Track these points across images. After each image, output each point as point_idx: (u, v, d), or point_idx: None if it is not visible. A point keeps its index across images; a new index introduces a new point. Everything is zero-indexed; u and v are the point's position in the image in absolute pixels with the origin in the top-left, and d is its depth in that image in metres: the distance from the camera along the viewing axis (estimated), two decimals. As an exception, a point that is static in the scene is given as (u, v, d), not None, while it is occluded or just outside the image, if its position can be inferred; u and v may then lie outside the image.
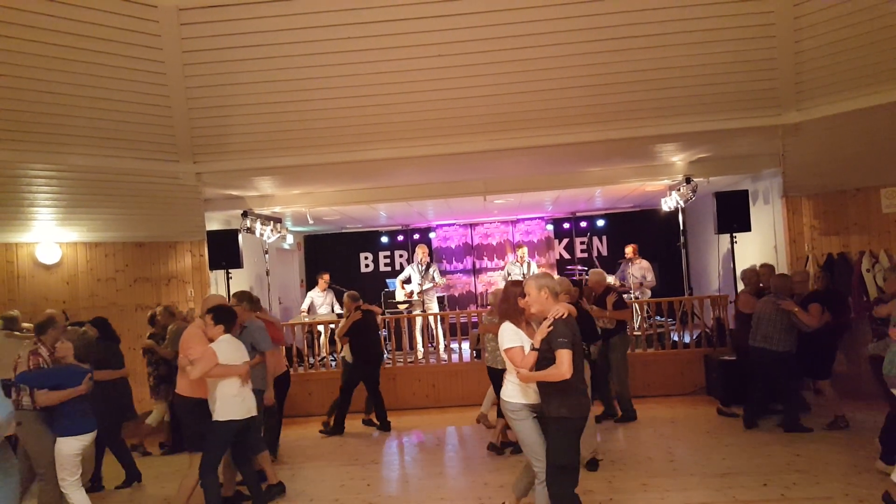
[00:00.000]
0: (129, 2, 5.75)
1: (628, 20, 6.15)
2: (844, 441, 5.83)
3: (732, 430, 6.39)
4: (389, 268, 13.18)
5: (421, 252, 10.25)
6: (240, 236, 8.63)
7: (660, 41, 6.34)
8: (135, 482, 5.90)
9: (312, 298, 10.12)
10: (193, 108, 6.85)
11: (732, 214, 8.23)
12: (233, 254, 8.53)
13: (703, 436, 6.34)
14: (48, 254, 7.49)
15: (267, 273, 9.95)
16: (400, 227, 13.14)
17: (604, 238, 12.95)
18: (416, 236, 13.00)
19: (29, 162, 6.56)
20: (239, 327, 5.50)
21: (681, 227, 9.66)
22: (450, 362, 8.79)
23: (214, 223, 9.29)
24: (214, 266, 8.57)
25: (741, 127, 7.15)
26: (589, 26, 6.19)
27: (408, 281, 10.38)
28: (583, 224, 12.84)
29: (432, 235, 13.14)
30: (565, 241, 13.10)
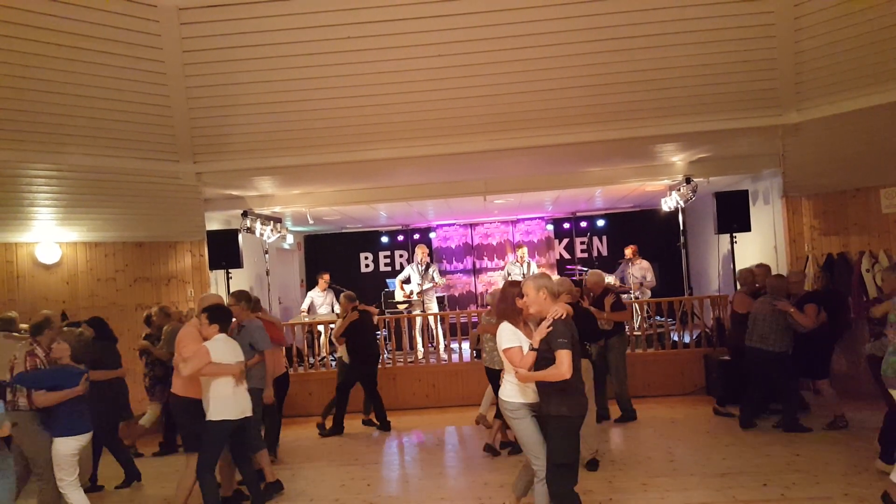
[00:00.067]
0: (130, 2, 5.76)
1: (628, 20, 6.16)
2: (844, 441, 5.83)
3: (732, 431, 6.39)
4: (389, 268, 13.18)
5: (420, 252, 10.26)
6: (240, 236, 8.64)
7: (660, 41, 6.35)
8: (134, 481, 5.90)
9: (312, 298, 10.12)
10: (193, 108, 6.87)
11: (732, 214, 8.25)
12: (233, 254, 8.55)
13: (703, 436, 6.34)
14: (48, 254, 7.49)
15: (267, 273, 9.95)
16: (400, 227, 13.14)
17: (604, 238, 12.96)
18: (417, 236, 13.00)
19: (29, 162, 6.57)
20: (237, 326, 5.51)
21: (681, 227, 9.66)
22: (450, 362, 8.80)
23: (214, 223, 9.29)
24: (214, 266, 8.57)
25: (741, 127, 7.17)
26: (589, 26, 6.21)
27: (407, 281, 10.38)
28: (583, 224, 12.84)
29: (432, 235, 13.14)
30: (565, 241, 13.10)
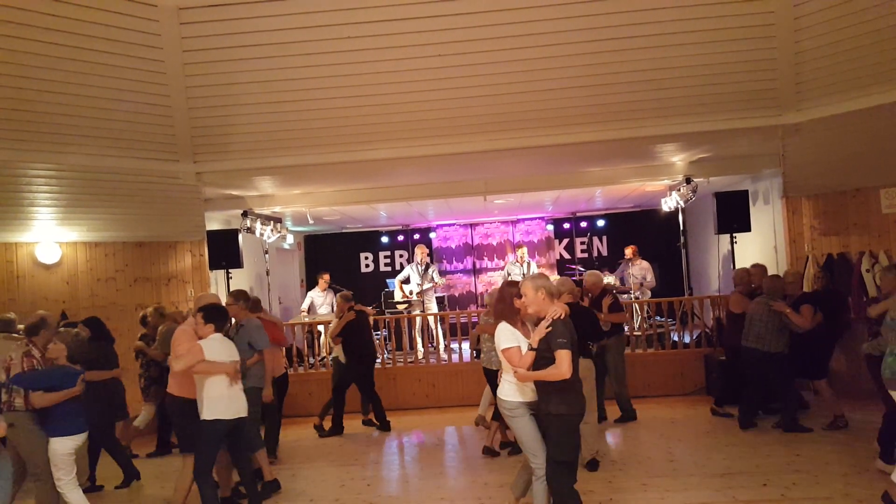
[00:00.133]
0: (130, 2, 5.76)
1: (628, 20, 6.16)
2: (844, 441, 5.83)
3: (732, 431, 6.39)
4: (389, 268, 13.18)
5: (420, 252, 10.26)
6: (240, 236, 8.64)
7: (660, 41, 6.35)
8: (134, 481, 5.89)
9: (312, 298, 10.12)
10: (193, 108, 6.87)
11: (732, 215, 8.25)
12: (233, 254, 8.54)
13: (703, 436, 6.34)
14: (48, 253, 7.49)
15: (267, 273, 9.96)
16: (400, 227, 13.14)
17: (604, 238, 12.96)
18: (417, 236, 13.00)
19: (29, 162, 6.57)
20: (236, 325, 5.51)
21: (681, 228, 9.66)
22: (450, 362, 8.80)
23: (214, 223, 9.28)
24: (214, 266, 8.57)
25: (741, 127, 7.16)
26: (589, 26, 6.20)
27: (407, 281, 10.38)
28: (583, 224, 12.84)
29: (432, 235, 13.14)
30: (565, 241, 13.11)
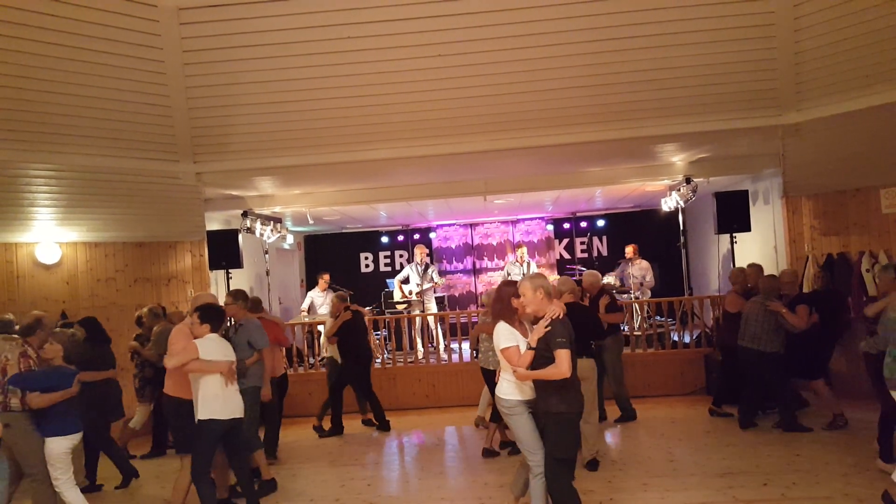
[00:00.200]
0: (130, 2, 5.76)
1: (628, 20, 6.15)
2: (844, 440, 5.83)
3: (732, 430, 6.39)
4: (390, 268, 13.18)
5: (419, 252, 10.26)
6: (240, 236, 8.63)
7: (660, 41, 6.35)
8: (133, 478, 5.89)
9: (312, 298, 10.11)
10: (193, 108, 6.86)
11: (732, 214, 8.25)
12: (233, 254, 8.54)
13: (703, 436, 6.34)
14: (48, 254, 7.48)
15: (267, 273, 9.95)
16: (400, 227, 13.14)
17: (604, 238, 12.96)
18: (417, 236, 13.00)
19: (29, 162, 6.56)
20: (236, 325, 5.52)
21: (681, 227, 9.66)
22: (450, 362, 8.80)
23: (214, 223, 9.28)
24: (214, 266, 8.57)
25: (741, 127, 7.16)
26: (589, 26, 6.20)
27: (406, 281, 10.38)
28: (583, 224, 12.84)
29: (432, 235, 13.14)
30: (565, 241, 13.11)
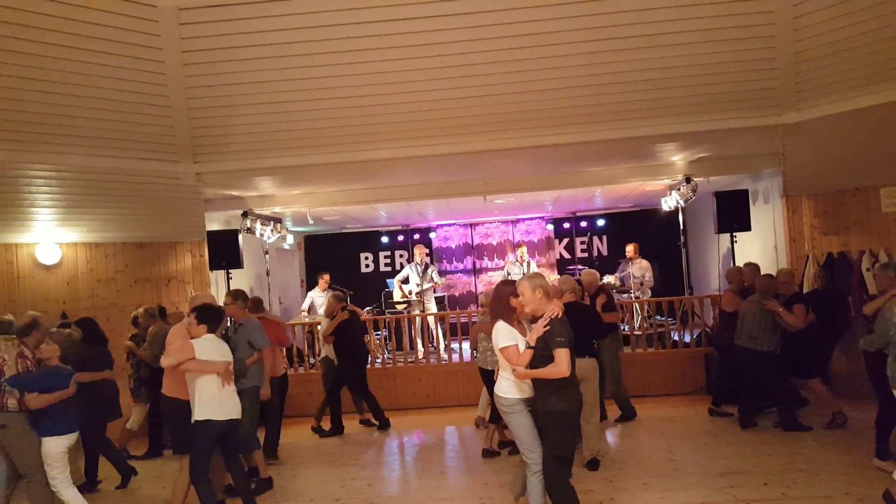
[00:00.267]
0: (129, 2, 5.76)
1: (628, 20, 6.15)
2: (845, 440, 5.83)
3: (732, 430, 6.39)
4: (390, 268, 13.18)
5: (419, 252, 10.26)
6: (240, 236, 8.64)
7: (659, 41, 6.35)
8: (132, 476, 5.89)
9: (313, 298, 10.11)
10: (193, 108, 6.85)
11: (732, 214, 8.25)
12: (233, 254, 8.55)
13: (704, 435, 6.34)
14: (48, 254, 7.48)
15: (267, 273, 9.95)
16: (400, 227, 13.14)
17: (604, 238, 12.96)
18: (417, 236, 12.99)
19: (29, 162, 6.56)
20: (235, 324, 5.52)
21: (681, 227, 9.66)
22: (450, 362, 8.80)
23: (214, 223, 9.28)
24: (214, 266, 8.57)
25: (741, 127, 7.15)
26: (589, 26, 6.20)
27: (406, 281, 10.38)
28: (583, 224, 12.84)
29: (432, 235, 13.14)
30: (565, 241, 13.10)
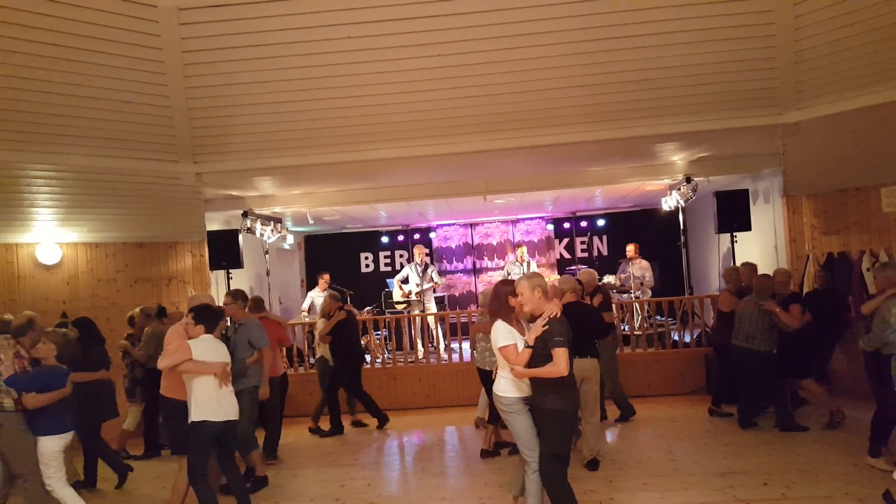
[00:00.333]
0: (129, 2, 5.76)
1: (626, 20, 6.16)
2: (844, 440, 5.83)
3: (732, 430, 6.39)
4: (390, 268, 13.18)
5: (419, 252, 10.26)
6: (240, 236, 8.64)
7: (658, 40, 6.35)
8: (128, 473, 5.90)
9: (313, 298, 10.11)
10: (193, 108, 6.86)
11: (733, 214, 8.25)
12: (233, 254, 8.55)
13: (704, 435, 6.34)
14: (48, 254, 7.49)
15: (267, 273, 9.95)
16: (400, 227, 13.14)
17: (604, 238, 12.95)
18: (417, 236, 13.00)
19: (29, 162, 6.56)
20: (235, 325, 5.52)
21: (681, 227, 9.65)
22: (450, 362, 8.80)
23: (214, 223, 9.28)
24: (215, 266, 8.58)
25: (741, 126, 7.16)
26: (587, 26, 6.20)
27: (406, 281, 10.39)
28: (583, 224, 12.84)
29: (433, 235, 13.13)
30: (566, 241, 13.10)
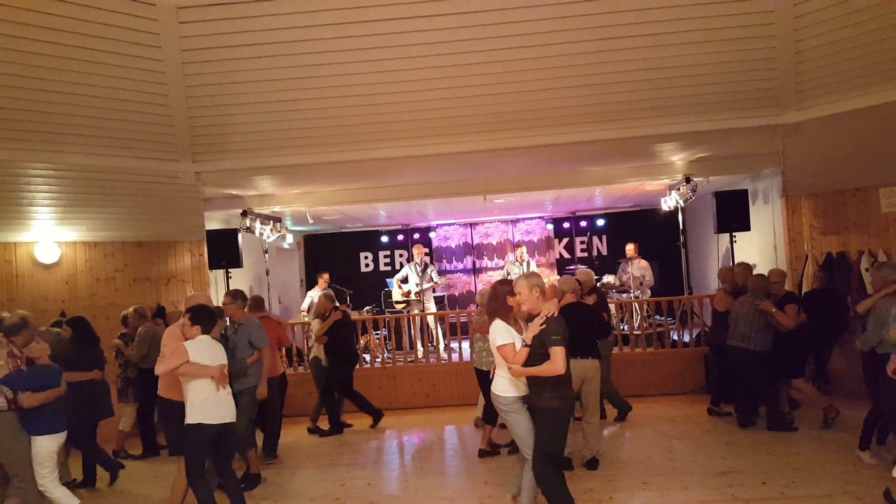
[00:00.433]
0: (129, 1, 5.75)
1: (628, 20, 6.16)
2: (844, 439, 5.83)
3: (731, 429, 6.40)
4: (389, 267, 13.17)
5: (418, 252, 10.27)
6: (239, 236, 8.63)
7: (659, 41, 6.35)
8: (119, 470, 5.91)
9: (312, 298, 10.09)
10: (193, 108, 6.86)
11: (732, 214, 8.26)
12: (232, 253, 8.54)
13: (703, 434, 6.34)
14: (47, 253, 7.48)
15: (267, 273, 9.94)
16: (400, 227, 13.14)
17: (604, 237, 12.95)
18: (417, 236, 12.99)
19: (29, 161, 6.56)
20: (234, 325, 5.52)
21: (681, 227, 9.66)
22: (450, 362, 8.80)
23: (214, 223, 9.28)
24: (214, 266, 8.57)
25: (741, 126, 7.16)
26: (588, 25, 6.21)
27: (405, 280, 10.38)
28: (583, 223, 12.84)
29: (432, 235, 13.13)
30: (565, 241, 13.10)
